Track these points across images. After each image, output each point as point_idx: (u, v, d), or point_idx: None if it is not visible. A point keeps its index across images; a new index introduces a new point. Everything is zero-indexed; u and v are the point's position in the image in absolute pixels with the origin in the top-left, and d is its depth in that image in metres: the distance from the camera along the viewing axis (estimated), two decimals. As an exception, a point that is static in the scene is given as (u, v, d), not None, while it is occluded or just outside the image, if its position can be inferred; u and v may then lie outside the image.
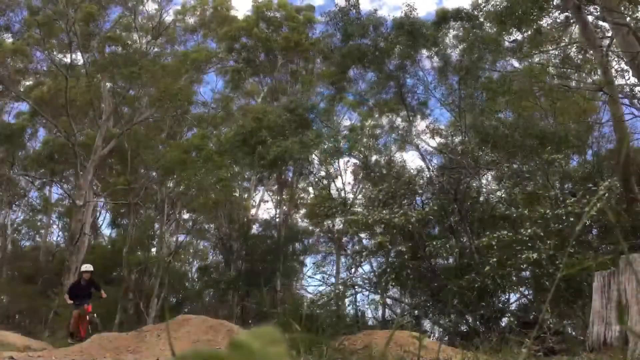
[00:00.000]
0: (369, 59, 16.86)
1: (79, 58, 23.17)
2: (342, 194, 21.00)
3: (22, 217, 29.32)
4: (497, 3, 14.62)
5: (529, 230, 10.29)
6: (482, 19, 16.31)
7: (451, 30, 17.66)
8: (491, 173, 14.44)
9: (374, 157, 19.27)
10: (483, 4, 16.25)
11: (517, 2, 12.48)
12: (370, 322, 14.63)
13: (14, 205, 28.09)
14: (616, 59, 13.71)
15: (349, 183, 23.36)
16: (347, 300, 14.46)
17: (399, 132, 20.16)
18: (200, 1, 26.39)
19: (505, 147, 13.53)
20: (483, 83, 16.14)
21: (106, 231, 28.70)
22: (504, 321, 11.46)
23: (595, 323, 4.92)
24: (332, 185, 20.85)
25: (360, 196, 22.78)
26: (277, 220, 23.91)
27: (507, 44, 16.28)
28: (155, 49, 24.37)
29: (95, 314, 11.30)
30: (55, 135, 23.83)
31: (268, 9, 24.55)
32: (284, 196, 24.32)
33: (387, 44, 16.78)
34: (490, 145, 13.54)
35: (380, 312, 15.47)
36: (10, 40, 23.31)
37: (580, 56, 16.36)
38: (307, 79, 23.13)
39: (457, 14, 17.02)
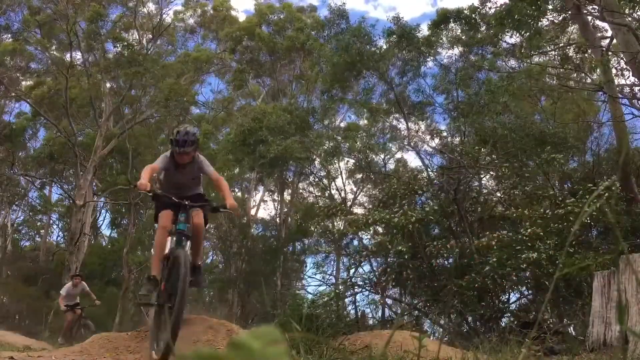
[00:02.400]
0: (362, 66, 16.67)
1: (79, 57, 23.19)
2: (342, 193, 21.03)
3: (22, 217, 29.33)
4: (497, 6, 14.60)
5: (529, 230, 10.29)
6: (479, 22, 16.25)
7: (448, 31, 17.58)
8: (491, 173, 14.42)
9: (374, 158, 19.26)
10: (480, 8, 16.22)
11: (515, 7, 12.45)
12: (370, 322, 14.62)
13: (14, 205, 28.08)
14: (616, 59, 13.67)
15: (349, 183, 23.35)
16: (347, 300, 14.45)
17: (397, 134, 20.10)
18: (200, 2, 26.39)
19: (504, 148, 13.52)
20: (482, 83, 16.11)
21: (106, 231, 28.73)
22: (504, 321, 11.46)
23: (595, 323, 4.92)
24: (333, 185, 20.88)
25: (360, 196, 22.83)
26: (277, 220, 23.91)
27: (505, 45, 16.26)
28: (155, 49, 24.37)
29: None
30: (55, 135, 23.82)
31: (270, 11, 24.47)
32: (284, 196, 24.32)
33: (379, 51, 16.61)
34: (490, 145, 13.53)
35: (380, 312, 15.46)
36: (10, 40, 23.31)
37: (579, 56, 16.33)
38: (313, 78, 23.06)
39: (458, 15, 16.95)
